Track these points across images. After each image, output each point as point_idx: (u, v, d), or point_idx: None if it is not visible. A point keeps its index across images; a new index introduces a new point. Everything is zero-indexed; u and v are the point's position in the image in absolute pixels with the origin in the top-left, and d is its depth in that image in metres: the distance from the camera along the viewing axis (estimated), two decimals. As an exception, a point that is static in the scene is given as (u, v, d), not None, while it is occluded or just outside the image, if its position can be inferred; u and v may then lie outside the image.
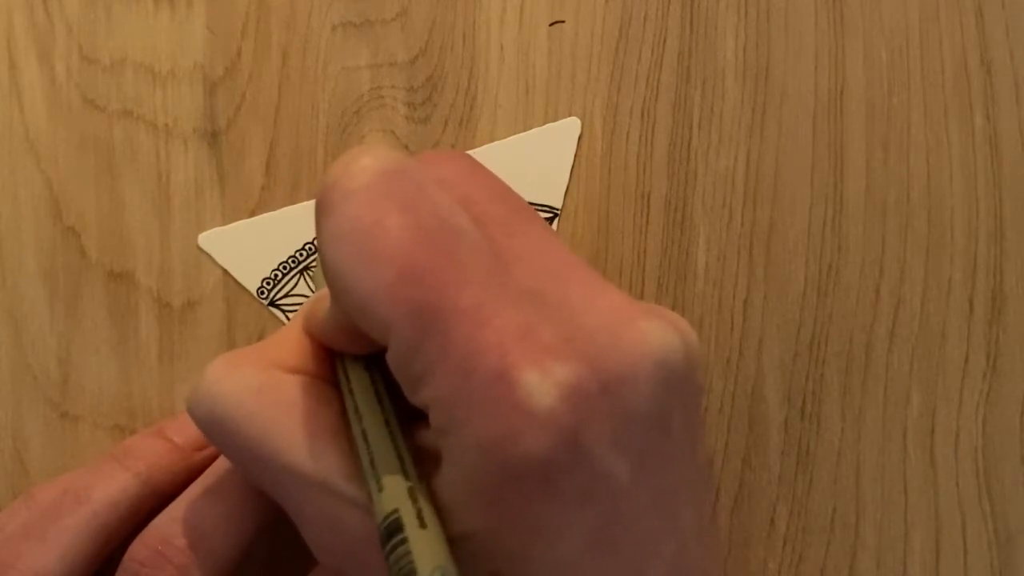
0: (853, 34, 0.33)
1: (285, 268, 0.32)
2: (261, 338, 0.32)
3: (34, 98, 0.32)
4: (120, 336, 0.32)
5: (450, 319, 0.21)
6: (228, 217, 0.32)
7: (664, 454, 0.22)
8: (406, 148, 0.32)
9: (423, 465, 0.23)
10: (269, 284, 0.32)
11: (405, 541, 0.21)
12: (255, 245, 0.32)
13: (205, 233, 0.32)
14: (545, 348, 0.21)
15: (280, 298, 0.32)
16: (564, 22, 0.33)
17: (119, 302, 0.32)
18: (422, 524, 0.21)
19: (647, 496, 0.22)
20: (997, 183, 0.33)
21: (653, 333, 0.22)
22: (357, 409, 0.24)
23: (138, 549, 0.28)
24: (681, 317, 0.23)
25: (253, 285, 0.32)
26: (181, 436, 0.31)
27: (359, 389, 0.24)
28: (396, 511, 0.21)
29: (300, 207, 0.32)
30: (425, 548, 0.21)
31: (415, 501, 0.22)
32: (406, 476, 0.22)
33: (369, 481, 0.22)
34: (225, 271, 0.32)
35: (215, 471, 0.29)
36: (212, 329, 0.32)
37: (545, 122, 0.32)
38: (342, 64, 0.32)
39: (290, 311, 0.32)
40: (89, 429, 0.32)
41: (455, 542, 0.21)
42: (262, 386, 0.24)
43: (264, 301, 0.32)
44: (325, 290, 0.24)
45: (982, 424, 0.33)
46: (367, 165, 0.23)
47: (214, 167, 0.32)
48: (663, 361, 0.22)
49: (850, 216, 0.33)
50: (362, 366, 0.25)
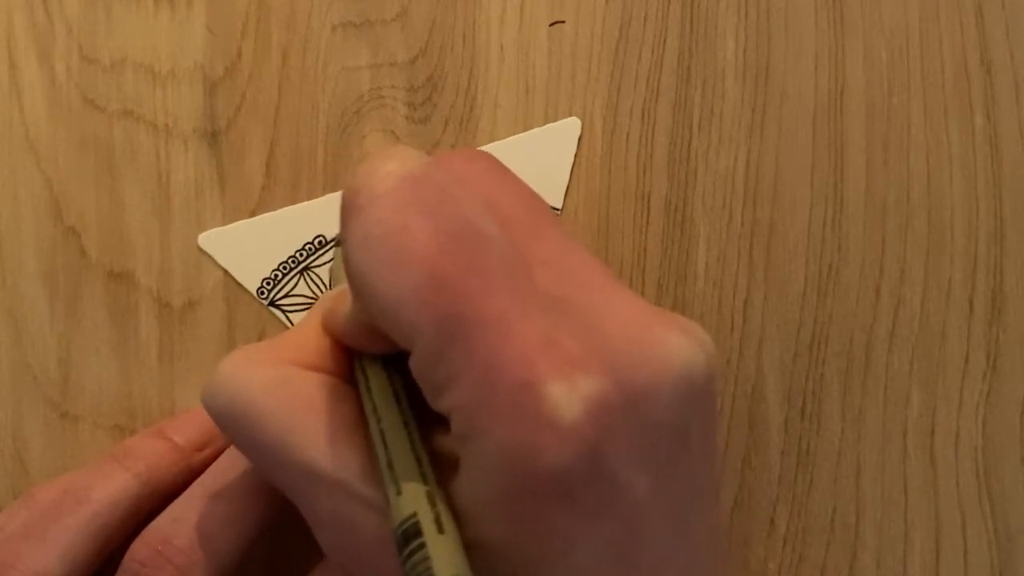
0: (853, 34, 0.33)
1: (285, 268, 0.32)
2: (261, 338, 0.32)
3: (34, 98, 0.32)
4: (120, 336, 0.32)
5: (476, 327, 0.21)
6: (228, 217, 0.32)
7: (682, 466, 0.22)
8: (406, 148, 0.32)
9: (440, 470, 0.22)
10: (269, 284, 0.32)
11: (423, 546, 0.21)
12: (255, 245, 0.32)
13: (205, 233, 0.32)
14: (570, 359, 0.21)
15: (280, 298, 0.32)
16: (564, 22, 0.33)
17: (119, 302, 0.32)
18: (440, 529, 0.21)
19: (664, 508, 0.22)
20: (997, 183, 0.33)
21: (676, 346, 0.22)
22: (375, 409, 0.24)
23: (138, 549, 0.28)
24: (699, 326, 0.23)
25: (253, 285, 0.32)
26: (181, 436, 0.31)
27: (377, 389, 0.24)
28: (414, 515, 0.21)
29: (300, 207, 0.32)
30: (443, 554, 0.20)
31: (434, 505, 0.21)
32: (424, 480, 0.22)
33: (387, 483, 0.22)
34: (225, 271, 0.32)
35: (216, 471, 0.29)
36: (212, 329, 0.32)
37: (545, 122, 0.32)
38: (342, 64, 0.32)
39: (290, 311, 0.32)
40: (89, 429, 0.32)
41: (470, 549, 0.21)
42: (280, 382, 0.24)
43: (264, 301, 0.32)
44: (345, 287, 0.24)
45: (982, 424, 0.33)
46: (393, 169, 0.23)
47: (214, 167, 0.32)
48: (685, 375, 0.22)
49: (850, 216, 0.33)
50: (380, 366, 0.25)
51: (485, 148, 0.32)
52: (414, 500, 0.21)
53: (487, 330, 0.21)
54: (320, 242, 0.32)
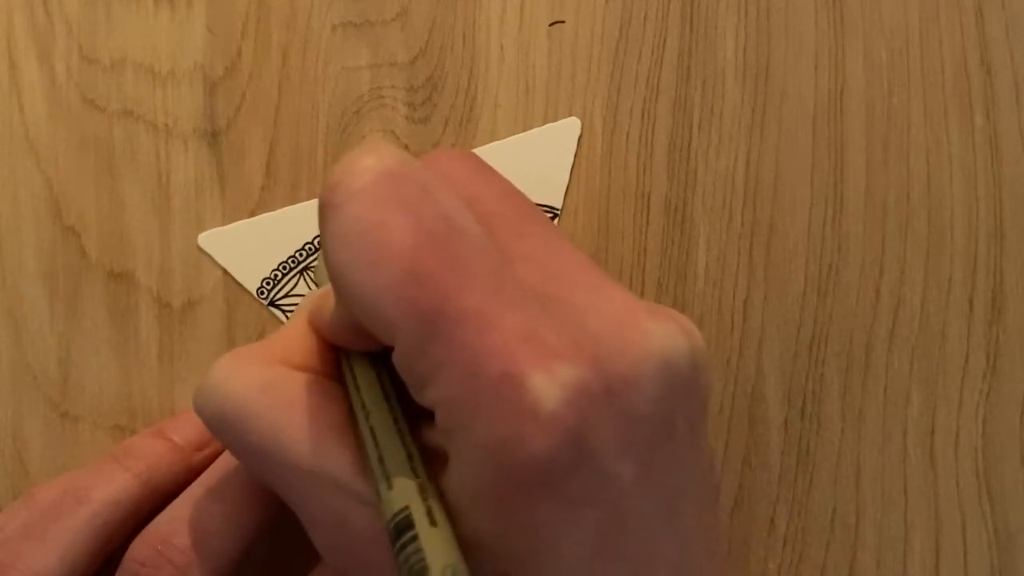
0: (853, 34, 0.33)
1: (285, 268, 0.32)
2: (261, 338, 0.32)
3: (34, 98, 0.32)
4: (120, 336, 0.32)
5: (455, 322, 0.21)
6: (228, 217, 0.32)
7: (668, 456, 0.22)
8: (406, 148, 0.32)
9: (430, 465, 0.23)
10: (269, 284, 0.32)
11: (416, 539, 0.21)
12: (255, 245, 0.32)
13: (205, 233, 0.32)
14: (550, 350, 0.21)
15: (280, 298, 0.32)
16: (564, 22, 0.33)
17: (119, 302, 0.32)
18: (432, 522, 0.21)
19: (651, 498, 0.22)
20: (997, 183, 0.33)
21: (657, 334, 0.22)
22: (364, 406, 0.24)
23: (138, 549, 0.28)
24: (687, 318, 0.23)
25: (253, 285, 0.32)
26: (181, 436, 0.31)
27: (366, 386, 0.24)
28: (406, 508, 0.21)
29: (300, 207, 0.32)
30: (437, 546, 0.21)
31: (425, 498, 0.21)
32: (415, 474, 0.22)
33: (378, 478, 0.22)
34: (225, 271, 0.32)
35: (215, 471, 0.29)
36: (212, 329, 0.32)
37: (545, 122, 0.32)
38: (342, 64, 0.32)
39: (290, 311, 0.32)
40: (89, 429, 0.32)
41: (462, 543, 0.21)
42: (269, 383, 0.24)
43: (264, 301, 0.32)
44: (330, 287, 0.24)
45: (982, 424, 0.33)
46: (370, 165, 0.23)
47: (214, 167, 0.32)
48: (667, 363, 0.22)
49: (850, 216, 0.33)
50: (368, 363, 0.25)
51: (485, 148, 0.32)
52: (405, 494, 0.22)
53: (466, 324, 0.21)
54: (320, 242, 0.32)
